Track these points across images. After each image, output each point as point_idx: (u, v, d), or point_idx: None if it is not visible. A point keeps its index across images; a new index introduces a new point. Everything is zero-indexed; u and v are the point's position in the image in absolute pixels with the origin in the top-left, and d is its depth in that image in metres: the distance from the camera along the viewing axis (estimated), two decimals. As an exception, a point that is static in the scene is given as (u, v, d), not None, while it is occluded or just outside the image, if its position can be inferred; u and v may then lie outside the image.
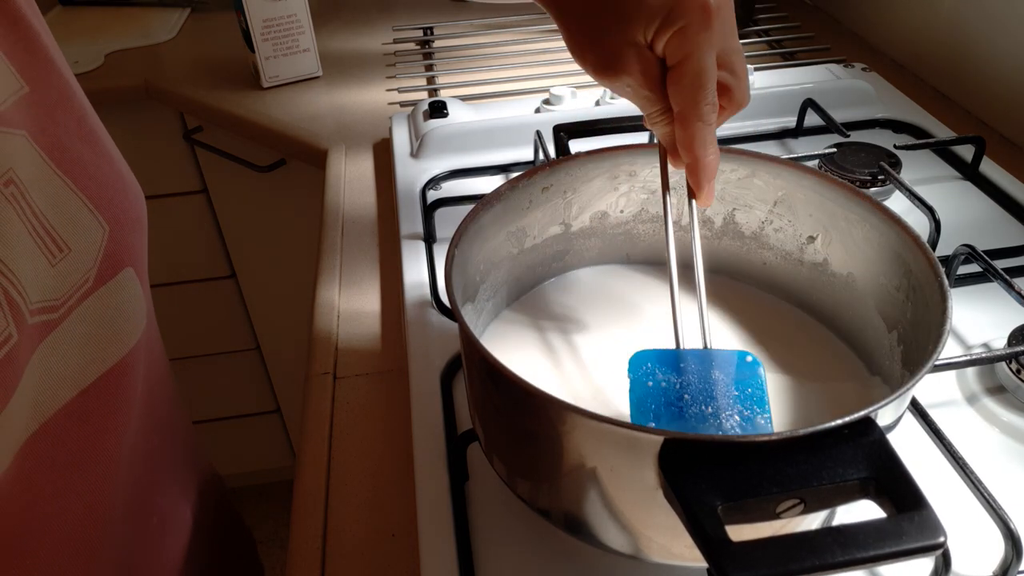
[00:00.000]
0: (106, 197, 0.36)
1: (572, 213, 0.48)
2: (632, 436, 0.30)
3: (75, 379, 0.35)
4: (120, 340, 0.38)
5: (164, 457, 0.47)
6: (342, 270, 0.65)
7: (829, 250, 0.45)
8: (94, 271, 0.35)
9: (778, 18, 1.05)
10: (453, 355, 0.51)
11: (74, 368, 0.35)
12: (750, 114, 0.77)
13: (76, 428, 0.35)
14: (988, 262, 0.52)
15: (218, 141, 1.03)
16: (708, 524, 0.27)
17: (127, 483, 0.41)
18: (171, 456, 0.49)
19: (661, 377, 0.36)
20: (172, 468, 0.49)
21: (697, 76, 0.36)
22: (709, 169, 0.39)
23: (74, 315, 0.34)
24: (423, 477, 0.44)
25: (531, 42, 1.02)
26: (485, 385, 0.36)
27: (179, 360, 1.33)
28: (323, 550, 0.44)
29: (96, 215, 0.35)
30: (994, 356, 0.47)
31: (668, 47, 0.36)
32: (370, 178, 0.78)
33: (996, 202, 0.65)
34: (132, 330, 0.38)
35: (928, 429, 0.43)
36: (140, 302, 0.39)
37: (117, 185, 0.38)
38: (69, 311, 0.34)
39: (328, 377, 0.55)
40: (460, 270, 0.40)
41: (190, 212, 1.15)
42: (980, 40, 0.79)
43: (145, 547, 0.45)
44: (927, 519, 0.26)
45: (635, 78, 0.37)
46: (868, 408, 0.29)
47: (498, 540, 0.41)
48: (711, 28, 0.35)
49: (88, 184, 0.35)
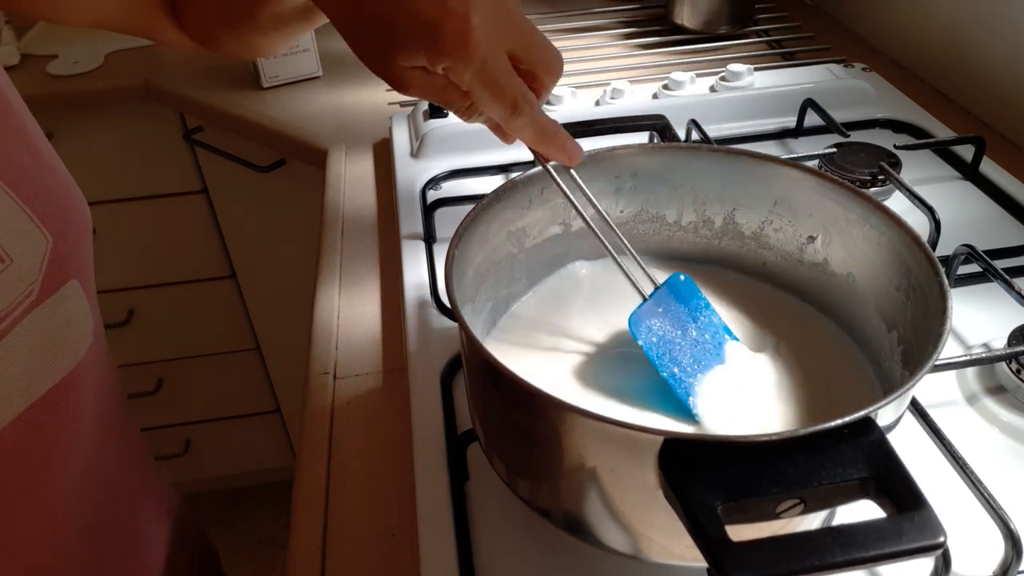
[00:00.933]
0: (50, 208, 0.35)
1: (572, 213, 0.48)
2: (632, 436, 0.30)
3: (22, 393, 0.34)
4: (67, 353, 0.37)
5: (119, 473, 0.46)
6: (342, 270, 0.65)
7: (829, 250, 0.45)
8: (38, 283, 0.34)
9: (778, 18, 1.05)
10: (453, 355, 0.51)
11: (21, 382, 0.34)
12: (750, 114, 0.77)
13: (26, 444, 0.34)
14: (988, 262, 0.52)
15: (218, 141, 1.03)
16: (708, 524, 0.27)
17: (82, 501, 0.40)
18: (126, 471, 0.47)
19: (659, 327, 0.41)
20: (128, 484, 0.48)
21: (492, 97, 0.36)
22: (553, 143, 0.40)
23: (19, 328, 0.33)
24: (423, 477, 0.44)
25: (531, 42, 1.02)
26: (485, 385, 0.36)
27: (179, 360, 1.33)
28: (323, 550, 0.44)
29: (39, 226, 0.34)
30: (994, 356, 0.47)
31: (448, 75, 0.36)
32: (370, 178, 0.78)
33: (996, 202, 0.65)
34: (79, 343, 0.37)
35: (928, 429, 0.43)
36: (86, 315, 0.38)
37: (61, 196, 0.37)
38: (13, 323, 0.33)
39: (328, 377, 0.55)
40: (460, 270, 0.40)
41: (190, 212, 1.15)
42: (980, 40, 0.79)
43: (104, 568, 0.44)
44: (927, 519, 0.26)
45: (422, 95, 0.38)
46: (868, 408, 0.29)
47: (498, 540, 0.41)
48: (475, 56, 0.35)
49: (30, 195, 0.34)
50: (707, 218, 0.49)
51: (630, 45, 1.01)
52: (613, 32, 1.04)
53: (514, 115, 0.37)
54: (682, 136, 0.69)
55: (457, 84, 0.36)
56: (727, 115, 0.77)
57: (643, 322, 0.41)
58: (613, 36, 1.03)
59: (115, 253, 1.17)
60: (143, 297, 1.23)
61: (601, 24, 1.06)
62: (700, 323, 0.42)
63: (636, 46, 1.00)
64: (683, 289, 0.43)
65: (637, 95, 0.80)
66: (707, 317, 0.43)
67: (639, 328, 0.41)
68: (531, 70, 0.38)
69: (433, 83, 0.37)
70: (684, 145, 0.46)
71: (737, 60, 0.93)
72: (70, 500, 0.39)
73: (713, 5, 0.98)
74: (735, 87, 0.80)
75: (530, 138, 0.40)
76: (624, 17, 1.08)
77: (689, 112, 0.73)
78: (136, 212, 1.14)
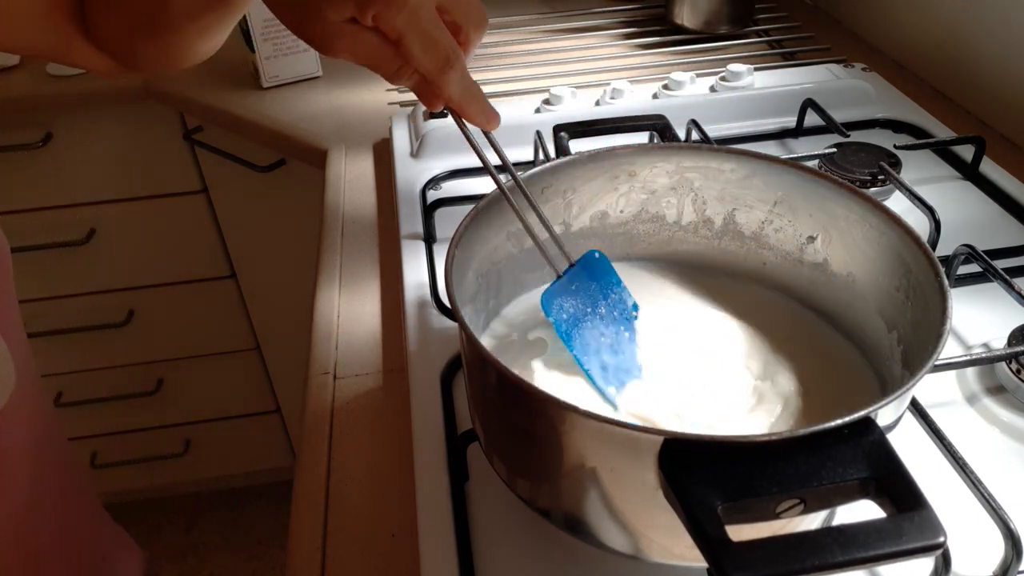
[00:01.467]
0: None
1: (572, 213, 0.48)
2: (632, 436, 0.30)
3: None
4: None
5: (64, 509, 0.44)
6: (342, 270, 0.65)
7: (829, 250, 0.45)
8: None
9: (778, 18, 1.05)
10: (453, 355, 0.51)
11: None
12: (750, 114, 0.77)
13: None
14: (988, 262, 0.52)
15: (218, 141, 1.03)
16: (708, 524, 0.27)
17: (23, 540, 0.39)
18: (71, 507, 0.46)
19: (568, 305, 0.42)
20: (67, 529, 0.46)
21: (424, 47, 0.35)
22: (476, 104, 0.39)
23: None
24: (423, 477, 0.44)
25: (531, 42, 1.02)
26: (485, 385, 0.36)
27: (179, 360, 1.33)
28: (323, 550, 0.44)
29: None
30: (994, 356, 0.47)
31: (378, 25, 0.34)
32: (370, 178, 0.78)
33: (996, 202, 0.65)
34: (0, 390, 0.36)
35: (928, 429, 0.43)
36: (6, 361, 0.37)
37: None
38: None
39: (328, 377, 0.55)
40: (460, 270, 0.40)
41: (190, 212, 1.15)
42: (980, 40, 0.79)
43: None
44: (927, 519, 0.26)
45: (352, 57, 0.36)
46: (868, 408, 0.29)
47: (498, 540, 0.41)
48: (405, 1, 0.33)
49: None
50: (707, 218, 0.49)
51: (630, 45, 1.01)
52: (613, 32, 1.04)
53: (446, 68, 0.36)
54: (682, 136, 0.69)
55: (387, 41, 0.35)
56: (727, 115, 0.77)
57: (555, 299, 0.42)
58: (613, 36, 1.03)
59: (115, 253, 1.17)
60: (143, 297, 1.23)
61: (601, 24, 1.06)
62: (610, 301, 0.44)
63: (636, 46, 1.00)
64: (596, 267, 0.44)
65: (637, 95, 0.80)
66: (617, 295, 0.44)
67: (551, 306, 0.42)
68: (457, 23, 0.37)
69: (363, 40, 0.35)
70: (684, 145, 0.46)
71: (737, 60, 0.93)
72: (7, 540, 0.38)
73: (713, 5, 0.98)
74: (735, 87, 0.80)
75: (457, 95, 0.38)
76: (624, 17, 1.08)
77: (689, 112, 0.73)
78: (136, 212, 1.14)
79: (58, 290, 1.20)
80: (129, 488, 1.58)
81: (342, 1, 0.33)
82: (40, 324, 1.21)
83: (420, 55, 0.35)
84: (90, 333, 1.23)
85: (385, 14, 0.33)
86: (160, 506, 1.63)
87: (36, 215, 1.12)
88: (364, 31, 0.35)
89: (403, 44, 0.35)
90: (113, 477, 1.46)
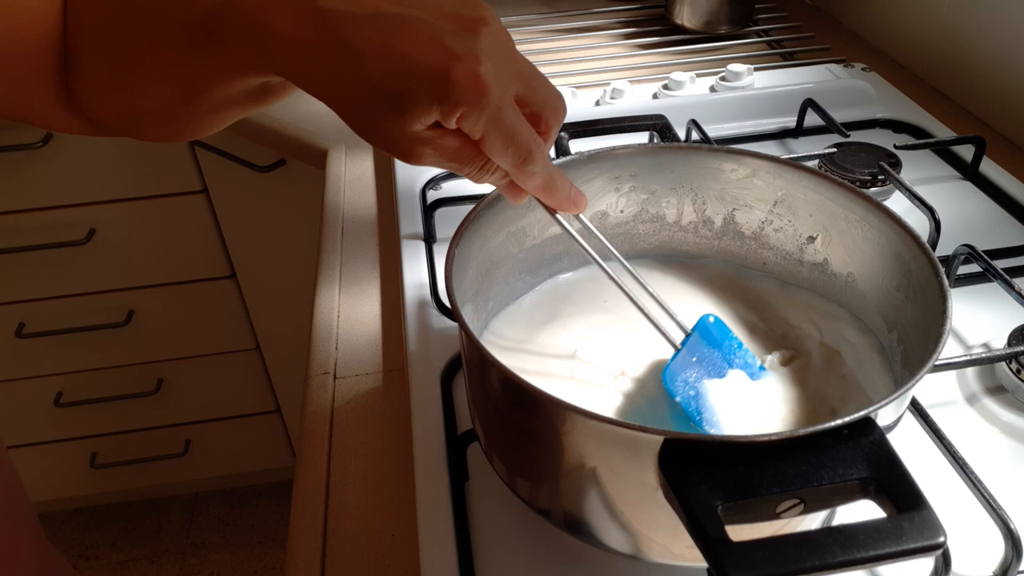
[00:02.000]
0: None
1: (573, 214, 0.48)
2: (632, 436, 0.30)
3: None
4: None
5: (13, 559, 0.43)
6: (342, 270, 0.65)
7: (829, 250, 0.45)
8: None
9: (778, 18, 1.05)
10: (453, 355, 0.51)
11: None
12: (750, 114, 0.77)
13: None
14: (988, 262, 0.52)
15: (218, 141, 1.03)
16: (708, 524, 0.27)
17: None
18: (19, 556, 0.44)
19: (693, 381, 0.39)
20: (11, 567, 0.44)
21: (506, 143, 0.34)
22: (560, 192, 0.38)
23: None
24: (423, 477, 0.44)
25: (531, 42, 1.02)
26: (485, 385, 0.36)
27: (179, 360, 1.33)
28: (323, 550, 0.44)
29: None
30: (994, 356, 0.47)
31: (460, 127, 0.33)
32: (370, 178, 0.78)
33: (996, 202, 0.65)
34: None
35: (928, 429, 0.43)
36: None
37: None
38: None
39: (328, 377, 0.55)
40: (460, 270, 0.40)
41: (190, 212, 1.15)
42: (980, 40, 0.79)
43: None
44: (927, 519, 0.26)
45: (434, 161, 0.35)
46: (868, 408, 0.29)
47: (498, 540, 0.41)
48: (490, 100, 0.32)
49: None
50: (707, 218, 0.49)
51: (630, 45, 1.01)
52: (613, 32, 1.04)
53: (527, 162, 0.35)
54: (682, 136, 0.69)
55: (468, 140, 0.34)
56: (727, 115, 0.77)
57: (678, 375, 0.39)
58: (613, 36, 1.03)
59: (115, 253, 1.17)
60: (143, 297, 1.23)
61: (601, 24, 1.06)
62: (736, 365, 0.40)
63: (636, 46, 1.00)
64: (715, 332, 0.40)
65: (637, 95, 0.80)
66: (742, 359, 0.41)
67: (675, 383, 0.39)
68: (536, 112, 0.36)
69: (445, 145, 0.34)
70: (684, 145, 0.46)
71: (737, 60, 0.93)
72: None
73: (713, 5, 0.98)
74: (735, 87, 0.80)
75: (540, 187, 0.38)
76: (624, 17, 1.08)
77: (689, 112, 0.73)
78: (136, 212, 1.14)
79: (58, 290, 1.20)
80: (129, 488, 1.58)
81: (427, 109, 0.32)
82: (40, 324, 1.22)
83: (502, 151, 0.35)
84: (90, 333, 1.23)
85: (468, 115, 0.32)
86: (160, 506, 1.63)
87: (36, 215, 1.12)
88: (446, 135, 0.34)
89: (485, 143, 0.34)
90: (113, 477, 1.46)
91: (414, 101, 0.32)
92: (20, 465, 1.42)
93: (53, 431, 1.38)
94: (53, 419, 1.35)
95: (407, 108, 0.32)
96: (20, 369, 1.28)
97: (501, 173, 0.37)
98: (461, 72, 0.31)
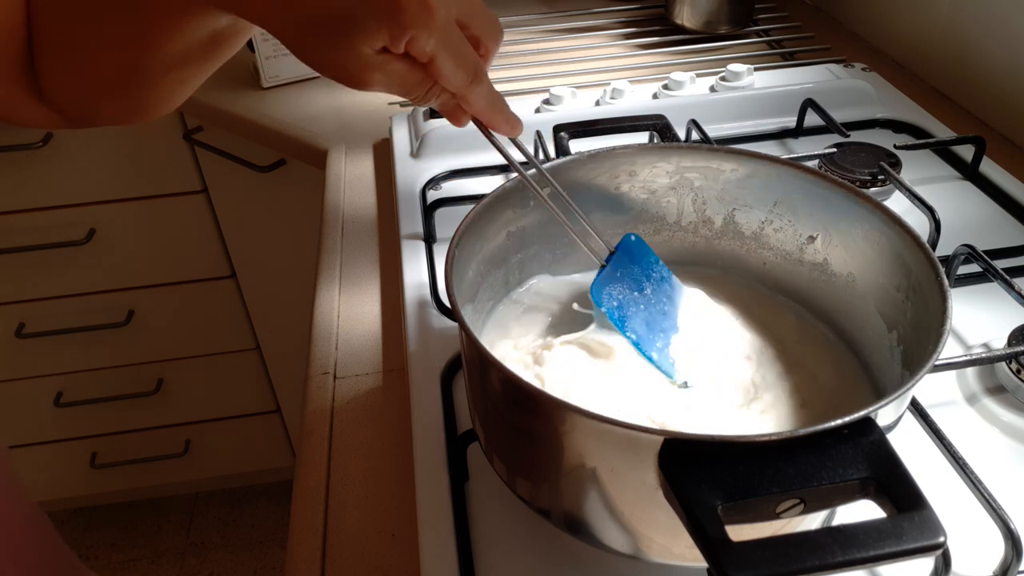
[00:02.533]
0: None
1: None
2: (632, 436, 0.30)
3: None
4: None
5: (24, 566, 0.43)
6: (342, 270, 0.65)
7: (829, 250, 0.45)
8: None
9: (778, 18, 1.05)
10: (453, 355, 0.51)
11: None
12: (750, 114, 0.77)
13: None
14: (988, 262, 0.52)
15: (218, 141, 1.03)
16: (708, 524, 0.27)
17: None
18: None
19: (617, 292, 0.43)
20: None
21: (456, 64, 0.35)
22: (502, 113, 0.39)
23: None
24: (423, 477, 0.44)
25: (531, 42, 1.02)
26: (485, 385, 0.36)
27: (179, 360, 1.33)
28: (323, 550, 0.44)
29: None
30: (994, 356, 0.47)
31: (409, 51, 0.34)
32: (370, 178, 0.78)
33: (996, 202, 0.65)
34: None
35: (928, 429, 0.43)
36: None
37: None
38: None
39: (328, 377, 0.55)
40: (460, 270, 0.40)
41: (190, 212, 1.15)
42: (980, 40, 0.79)
43: None
44: (927, 519, 0.26)
45: (383, 86, 0.36)
46: (868, 408, 0.29)
47: (498, 540, 0.41)
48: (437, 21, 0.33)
49: None
50: (707, 218, 0.49)
51: (630, 45, 1.01)
52: (613, 32, 1.04)
53: (474, 83, 0.36)
54: (682, 136, 0.69)
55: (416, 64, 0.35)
56: (727, 115, 0.77)
57: (603, 288, 0.42)
58: (613, 36, 1.03)
59: (115, 253, 1.17)
60: (143, 297, 1.23)
61: (601, 24, 1.06)
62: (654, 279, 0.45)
63: (636, 46, 1.00)
64: (635, 250, 0.44)
65: (637, 95, 0.80)
66: (658, 272, 0.45)
67: (601, 295, 0.42)
68: (475, 36, 0.37)
69: (394, 69, 0.35)
70: (684, 145, 0.46)
71: (737, 60, 0.93)
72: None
73: (713, 5, 0.98)
74: (735, 87, 0.80)
75: (484, 107, 0.39)
76: (624, 17, 1.08)
77: (689, 112, 0.73)
78: (136, 212, 1.14)
79: (58, 290, 1.20)
80: (129, 488, 1.58)
81: (375, 33, 0.33)
82: (40, 324, 1.22)
83: (452, 72, 0.35)
84: (90, 333, 1.23)
85: (417, 37, 0.33)
86: (160, 506, 1.63)
87: (36, 215, 1.12)
88: (394, 59, 0.34)
89: (434, 65, 0.35)
90: (113, 477, 1.47)
91: (361, 23, 0.32)
92: (20, 465, 1.42)
93: (53, 431, 1.38)
94: (53, 419, 1.35)
95: (355, 31, 0.33)
96: (20, 369, 1.28)
97: (447, 96, 0.37)
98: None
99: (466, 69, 0.36)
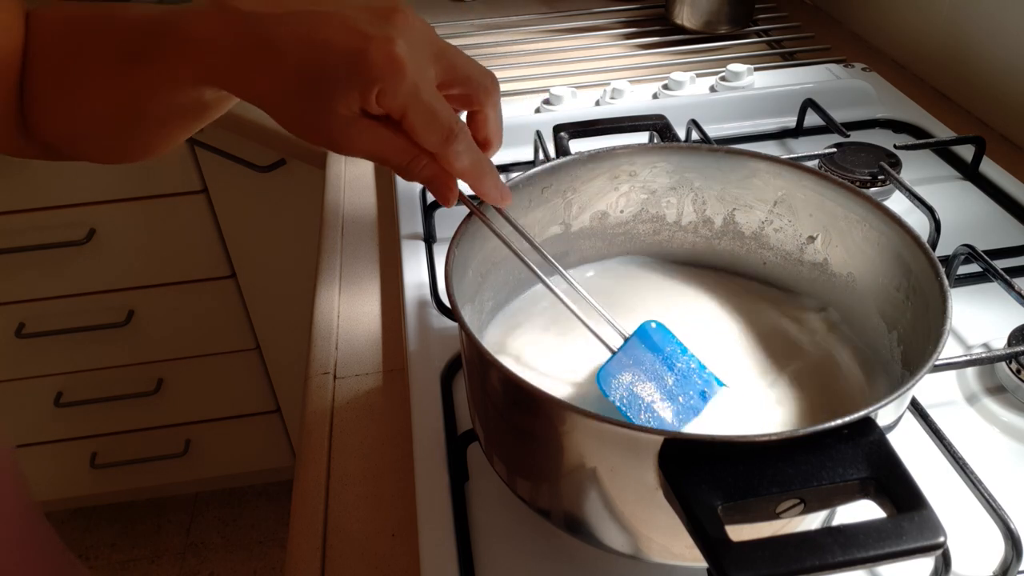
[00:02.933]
0: None
1: (572, 213, 0.48)
2: (632, 436, 0.30)
3: None
4: None
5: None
6: (342, 270, 0.65)
7: (829, 250, 0.45)
8: None
9: (778, 18, 1.05)
10: (453, 355, 0.51)
11: None
12: (750, 114, 0.77)
13: None
14: (988, 262, 0.52)
15: (218, 141, 1.03)
16: (708, 524, 0.27)
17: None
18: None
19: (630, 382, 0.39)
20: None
21: (428, 119, 0.35)
22: (488, 178, 0.39)
23: None
24: (423, 477, 0.44)
25: (531, 42, 1.02)
26: (485, 385, 0.36)
27: (179, 360, 1.33)
28: (323, 550, 0.44)
29: None
30: (994, 356, 0.47)
31: (382, 106, 0.34)
32: (370, 178, 0.78)
33: (996, 202, 0.65)
34: None
35: (928, 429, 0.43)
36: None
37: None
38: None
39: (328, 377, 0.55)
40: (460, 270, 0.40)
41: (190, 212, 1.15)
42: (980, 40, 0.79)
43: None
44: (927, 519, 0.26)
45: (366, 151, 0.36)
46: (868, 408, 0.29)
47: (498, 540, 0.41)
48: (406, 74, 0.33)
49: None
50: (707, 218, 0.49)
51: (630, 45, 1.01)
52: (613, 32, 1.04)
53: (450, 141, 0.36)
54: (682, 136, 0.69)
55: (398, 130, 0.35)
56: (727, 115, 0.77)
57: (612, 378, 0.39)
58: (613, 36, 1.03)
59: (115, 253, 1.17)
60: (143, 297, 1.23)
61: (601, 24, 1.06)
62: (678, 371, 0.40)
63: (636, 46, 1.00)
64: (655, 336, 0.40)
65: (637, 95, 0.80)
66: (685, 364, 0.40)
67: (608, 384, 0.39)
68: (466, 94, 0.37)
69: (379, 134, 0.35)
70: (684, 145, 0.46)
71: (737, 60, 0.93)
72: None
73: (713, 5, 0.98)
74: (735, 87, 0.80)
75: (468, 168, 0.38)
76: (624, 17, 1.08)
77: (689, 112, 0.73)
78: (136, 212, 1.14)
79: (58, 290, 1.20)
80: (129, 488, 1.58)
81: (347, 91, 0.34)
82: (40, 324, 1.21)
83: (423, 129, 0.35)
84: (90, 333, 1.23)
85: (387, 89, 0.34)
86: (160, 506, 1.63)
87: (36, 215, 1.12)
88: (375, 125, 0.35)
89: (407, 120, 0.35)
90: (113, 477, 1.47)
91: (333, 83, 0.34)
92: (20, 465, 1.42)
93: (53, 431, 1.38)
94: (53, 419, 1.35)
95: (328, 91, 0.34)
96: (20, 369, 1.28)
97: (432, 169, 0.37)
98: (375, 49, 0.33)
99: (440, 125, 0.35)
